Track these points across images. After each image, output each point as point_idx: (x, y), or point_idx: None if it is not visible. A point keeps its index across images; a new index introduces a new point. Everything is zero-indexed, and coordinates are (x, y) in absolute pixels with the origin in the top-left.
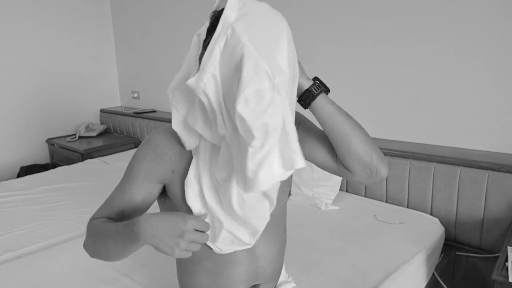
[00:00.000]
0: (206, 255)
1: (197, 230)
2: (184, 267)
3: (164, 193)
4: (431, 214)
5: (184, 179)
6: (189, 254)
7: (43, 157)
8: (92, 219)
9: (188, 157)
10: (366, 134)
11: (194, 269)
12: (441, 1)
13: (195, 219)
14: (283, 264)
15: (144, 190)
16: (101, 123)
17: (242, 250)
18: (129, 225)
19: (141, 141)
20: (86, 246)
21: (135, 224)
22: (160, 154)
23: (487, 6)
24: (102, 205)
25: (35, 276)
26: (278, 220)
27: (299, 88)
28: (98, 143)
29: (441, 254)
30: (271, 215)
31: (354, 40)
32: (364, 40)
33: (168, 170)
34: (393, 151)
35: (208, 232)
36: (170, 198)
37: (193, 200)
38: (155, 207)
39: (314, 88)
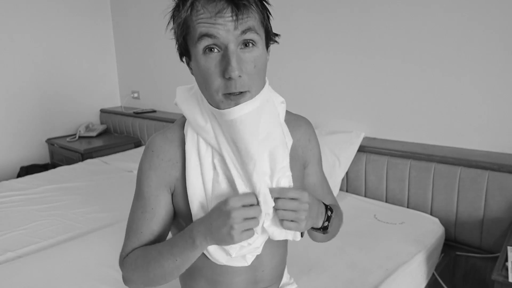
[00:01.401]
0: (206, 265)
1: (244, 206)
2: (187, 270)
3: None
4: (431, 214)
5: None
6: (252, 234)
7: (43, 157)
8: (125, 256)
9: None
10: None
11: (195, 275)
12: (440, 0)
13: (234, 196)
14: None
15: (163, 201)
16: (101, 123)
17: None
18: (184, 235)
19: (141, 141)
20: (133, 282)
21: (191, 230)
22: (164, 160)
23: (487, 5)
24: (127, 237)
25: (35, 276)
26: None
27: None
28: (98, 143)
29: (441, 254)
30: None
31: (354, 39)
32: (363, 39)
33: (173, 178)
34: (393, 151)
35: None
36: (176, 214)
37: (196, 206)
38: None
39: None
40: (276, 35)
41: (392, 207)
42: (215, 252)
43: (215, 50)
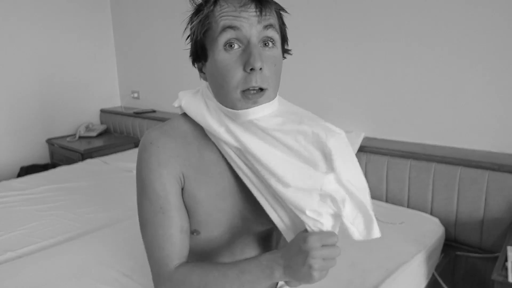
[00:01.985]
0: (201, 259)
1: (325, 245)
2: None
3: None
4: (431, 214)
5: (194, 185)
6: (326, 273)
7: (43, 157)
8: (172, 270)
9: (195, 160)
10: None
11: None
12: (440, 0)
13: (313, 234)
14: None
15: (179, 194)
16: (101, 123)
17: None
18: (261, 264)
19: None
20: None
21: (271, 260)
22: (173, 156)
23: (487, 5)
24: (158, 247)
25: (35, 276)
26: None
27: None
28: (98, 143)
29: (441, 254)
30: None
31: (354, 40)
32: (363, 39)
33: (181, 175)
34: (393, 151)
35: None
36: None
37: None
38: None
39: None
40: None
41: (392, 207)
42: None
43: (236, 46)
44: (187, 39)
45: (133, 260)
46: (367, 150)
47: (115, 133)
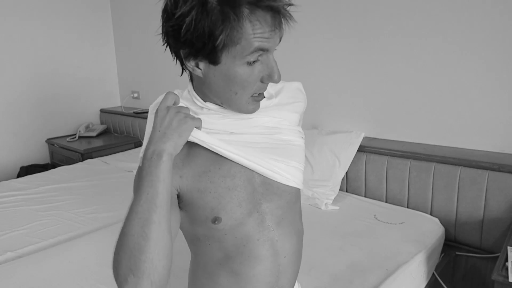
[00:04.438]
0: (228, 252)
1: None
2: (202, 268)
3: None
4: (431, 214)
5: (193, 187)
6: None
7: (43, 157)
8: None
9: (194, 165)
10: None
11: (213, 271)
12: (442, 0)
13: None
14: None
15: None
16: (101, 123)
17: (263, 245)
18: (141, 162)
19: (141, 141)
20: (118, 273)
21: (144, 154)
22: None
23: (488, 4)
24: None
25: (35, 276)
26: (293, 208)
27: None
28: (98, 143)
29: (441, 254)
30: (287, 202)
31: (354, 39)
32: (364, 39)
33: (176, 175)
34: (393, 151)
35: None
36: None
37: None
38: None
39: None
40: None
41: (392, 207)
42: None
43: (259, 61)
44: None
45: None
46: (367, 150)
47: (115, 133)
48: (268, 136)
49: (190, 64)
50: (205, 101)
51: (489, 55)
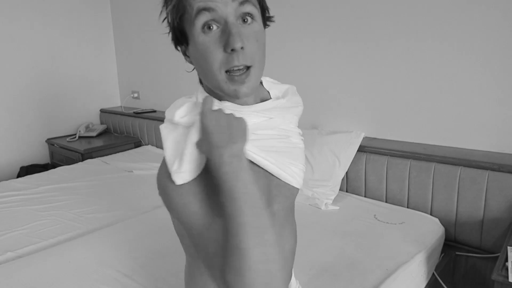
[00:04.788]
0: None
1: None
2: (199, 271)
3: None
4: (431, 214)
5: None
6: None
7: (43, 157)
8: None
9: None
10: None
11: (203, 277)
12: (441, 0)
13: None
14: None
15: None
16: (101, 123)
17: None
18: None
19: (141, 141)
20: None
21: (218, 159)
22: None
23: (487, 5)
24: (210, 258)
25: (35, 276)
26: (292, 208)
27: None
28: (98, 143)
29: (441, 254)
30: (290, 203)
31: (355, 40)
32: (364, 39)
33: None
34: (393, 151)
35: None
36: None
37: None
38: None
39: None
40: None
41: (392, 207)
42: None
43: (214, 27)
44: (163, 21)
45: (133, 260)
46: (367, 150)
47: (115, 133)
48: (281, 140)
49: (183, 55)
50: (220, 100)
51: (488, 55)
